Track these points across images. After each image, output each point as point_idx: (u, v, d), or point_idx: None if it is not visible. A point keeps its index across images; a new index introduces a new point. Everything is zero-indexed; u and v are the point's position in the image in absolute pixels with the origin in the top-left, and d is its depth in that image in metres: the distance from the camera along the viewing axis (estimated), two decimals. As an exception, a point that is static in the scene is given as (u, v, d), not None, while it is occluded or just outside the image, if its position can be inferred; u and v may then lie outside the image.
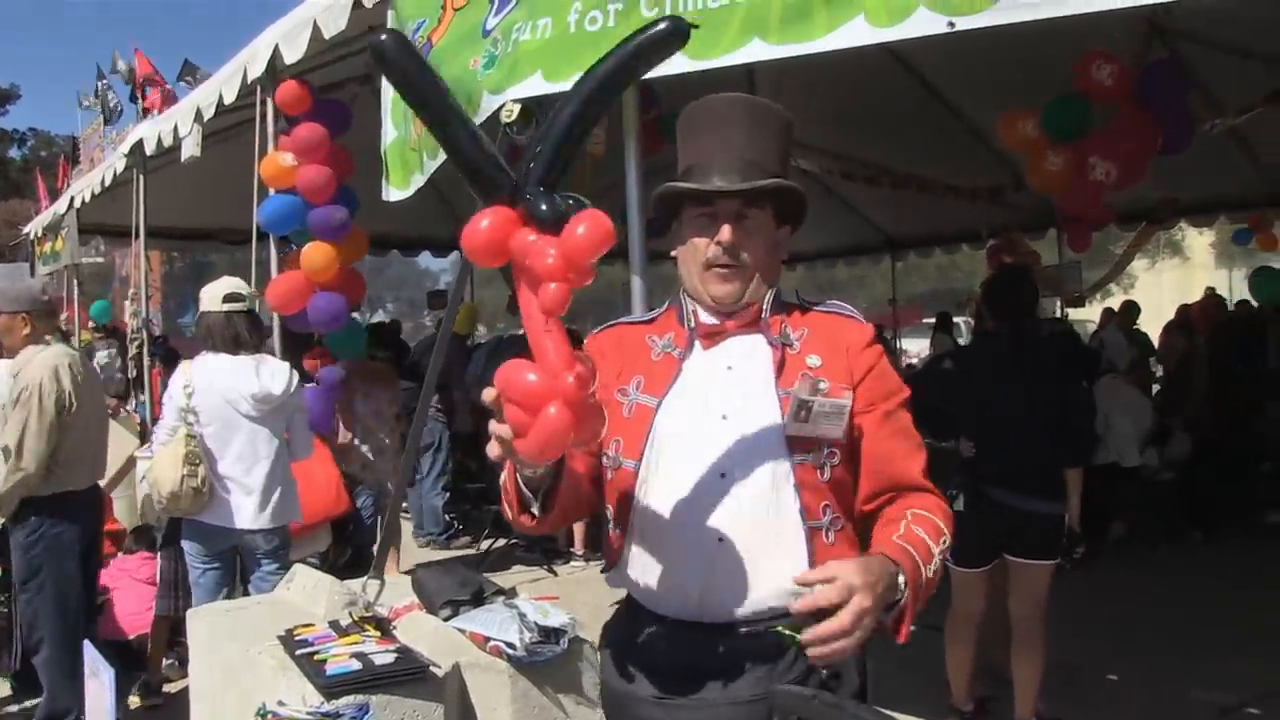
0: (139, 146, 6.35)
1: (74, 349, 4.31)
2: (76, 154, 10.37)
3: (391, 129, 3.93)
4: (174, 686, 4.46)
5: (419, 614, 2.53)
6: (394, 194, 4.00)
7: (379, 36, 1.34)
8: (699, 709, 1.52)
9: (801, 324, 1.63)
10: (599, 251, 1.27)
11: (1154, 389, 8.83)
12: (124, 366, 7.80)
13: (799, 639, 1.34)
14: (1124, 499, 6.81)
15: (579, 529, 6.74)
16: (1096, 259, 9.32)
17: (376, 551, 3.13)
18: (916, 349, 16.90)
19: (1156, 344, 9.32)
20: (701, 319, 1.64)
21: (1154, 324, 9.76)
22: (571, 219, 1.27)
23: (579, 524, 6.54)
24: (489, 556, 6.81)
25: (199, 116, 5.39)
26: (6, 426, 3.67)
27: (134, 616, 4.66)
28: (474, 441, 7.09)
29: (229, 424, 3.81)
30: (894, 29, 2.32)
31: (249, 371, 3.84)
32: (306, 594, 2.68)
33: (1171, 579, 5.93)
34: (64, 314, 8.59)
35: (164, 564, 4.30)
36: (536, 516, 1.49)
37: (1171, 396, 8.04)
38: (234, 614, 2.69)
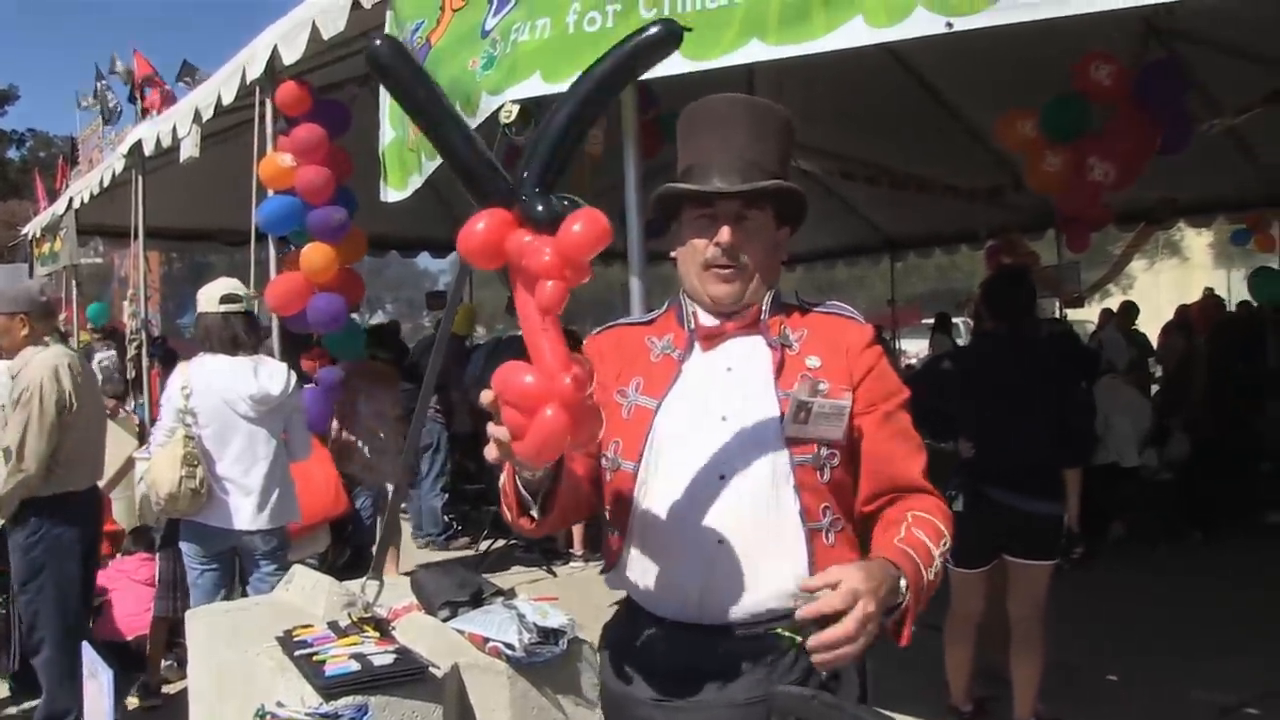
0: (138, 147, 6.35)
1: (73, 350, 4.30)
2: (75, 155, 10.37)
3: (389, 130, 3.93)
4: (173, 688, 4.46)
5: (418, 615, 2.53)
6: (392, 195, 3.99)
7: (374, 42, 1.34)
8: (698, 711, 1.52)
9: (801, 325, 1.62)
10: (595, 248, 1.26)
11: (1153, 389, 8.84)
12: (122, 367, 7.79)
13: (798, 641, 1.33)
14: (1123, 499, 6.82)
15: (578, 529, 6.74)
16: (1095, 259, 9.31)
17: (376, 552, 3.13)
18: (915, 350, 16.89)
19: (1155, 344, 9.32)
20: (701, 321, 1.63)
21: (1152, 324, 9.77)
22: (567, 217, 1.26)
23: (578, 524, 6.54)
24: (488, 557, 6.81)
25: (197, 117, 5.39)
26: (7, 427, 3.67)
27: (133, 618, 4.66)
28: (473, 442, 7.08)
29: (227, 425, 3.80)
30: (892, 29, 2.32)
31: (247, 372, 3.83)
32: (305, 595, 2.68)
33: (1171, 579, 5.93)
34: (62, 315, 8.60)
35: (162, 565, 4.30)
36: (536, 519, 1.49)
37: (1170, 397, 8.05)
38: (233, 615, 2.69)
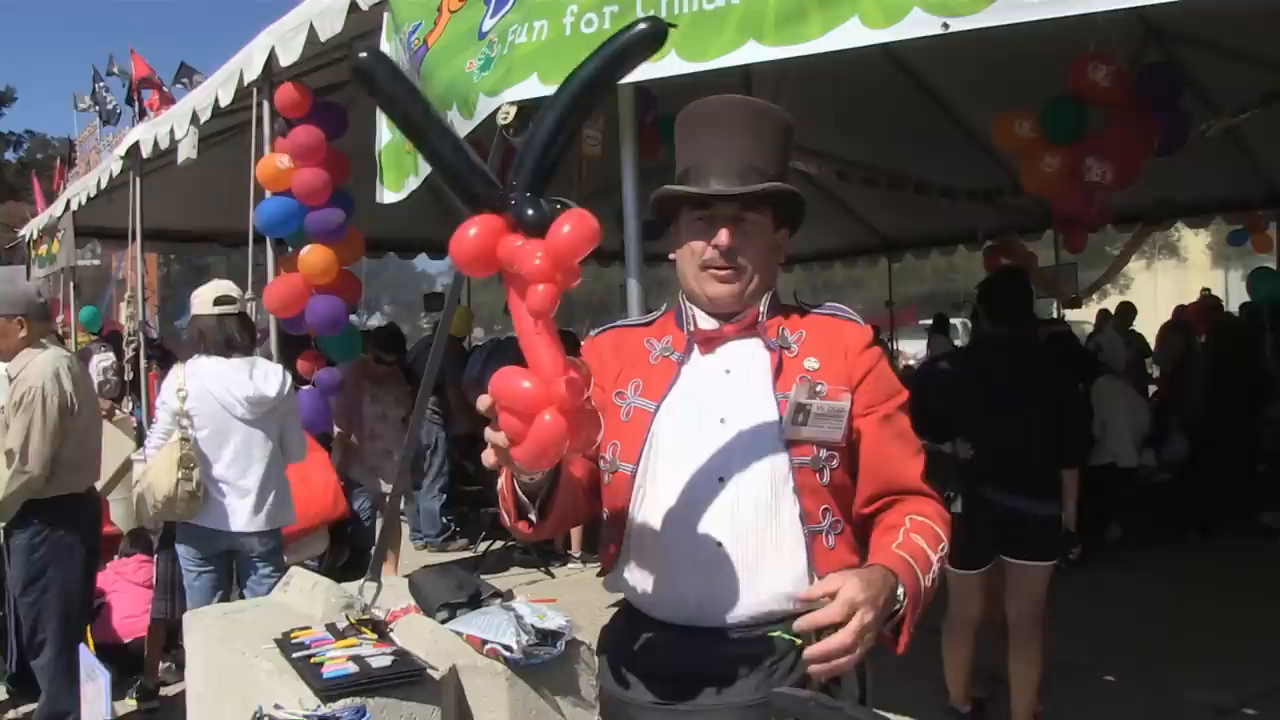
0: (135, 149, 6.33)
1: (70, 351, 4.29)
2: (73, 156, 10.36)
3: (386, 132, 3.92)
4: (171, 690, 4.45)
5: (416, 617, 2.53)
6: (388, 196, 3.99)
7: (359, 54, 1.33)
8: (698, 714, 1.52)
9: (800, 327, 1.62)
10: (585, 250, 1.25)
11: (1150, 390, 8.85)
12: (120, 369, 7.78)
13: (798, 643, 1.34)
14: (1121, 500, 6.82)
15: (576, 531, 6.73)
16: (1093, 260, 9.34)
17: (374, 554, 3.12)
18: (913, 350, 16.88)
19: (1153, 345, 9.32)
20: (700, 324, 1.63)
21: (1150, 325, 9.77)
22: (556, 219, 1.26)
23: (576, 527, 6.53)
24: (486, 559, 6.80)
25: (195, 119, 5.38)
26: (9, 430, 3.67)
27: (131, 620, 4.66)
28: (471, 444, 7.08)
29: (223, 427, 3.80)
30: (889, 30, 2.32)
31: (242, 374, 3.83)
32: (303, 597, 2.67)
33: (1169, 579, 5.93)
34: (60, 317, 8.59)
35: (160, 567, 4.29)
36: (534, 523, 1.48)
37: (1168, 397, 8.06)
38: (231, 617, 2.68)
